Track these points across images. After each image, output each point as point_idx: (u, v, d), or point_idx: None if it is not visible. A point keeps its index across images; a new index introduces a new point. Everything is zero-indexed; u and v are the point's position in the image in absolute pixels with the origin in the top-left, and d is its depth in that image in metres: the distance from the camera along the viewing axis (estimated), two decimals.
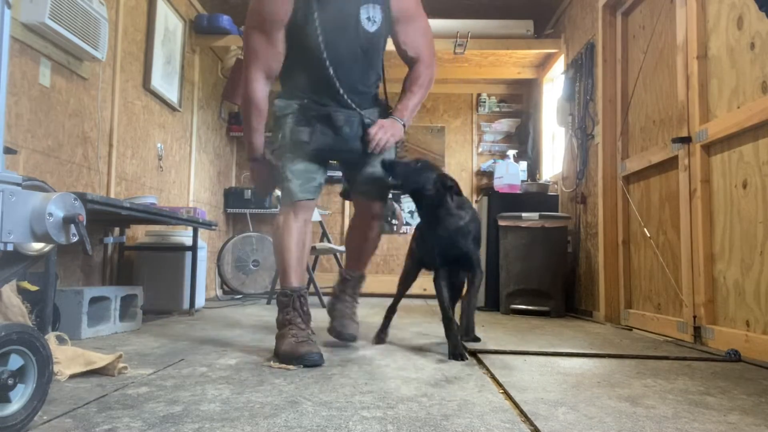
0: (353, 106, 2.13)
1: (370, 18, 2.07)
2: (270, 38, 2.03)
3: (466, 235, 2.12)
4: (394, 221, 5.85)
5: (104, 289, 2.59)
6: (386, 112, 2.27)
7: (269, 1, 2.00)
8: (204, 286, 3.98)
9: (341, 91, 2.09)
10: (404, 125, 2.19)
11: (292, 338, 1.89)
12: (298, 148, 2.10)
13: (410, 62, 2.25)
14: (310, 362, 1.80)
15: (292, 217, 2.08)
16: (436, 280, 2.13)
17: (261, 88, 2.07)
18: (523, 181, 4.61)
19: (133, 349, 2.11)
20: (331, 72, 2.06)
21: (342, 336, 2.25)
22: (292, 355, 1.83)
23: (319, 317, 2.46)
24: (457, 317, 2.17)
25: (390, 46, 2.24)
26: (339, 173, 2.44)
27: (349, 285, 2.40)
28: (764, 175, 2.14)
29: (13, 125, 2.44)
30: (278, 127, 2.17)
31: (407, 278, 2.44)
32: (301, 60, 2.10)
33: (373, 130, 2.10)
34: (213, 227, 3.70)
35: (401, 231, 5.84)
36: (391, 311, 2.46)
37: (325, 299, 4.16)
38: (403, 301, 2.50)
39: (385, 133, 2.11)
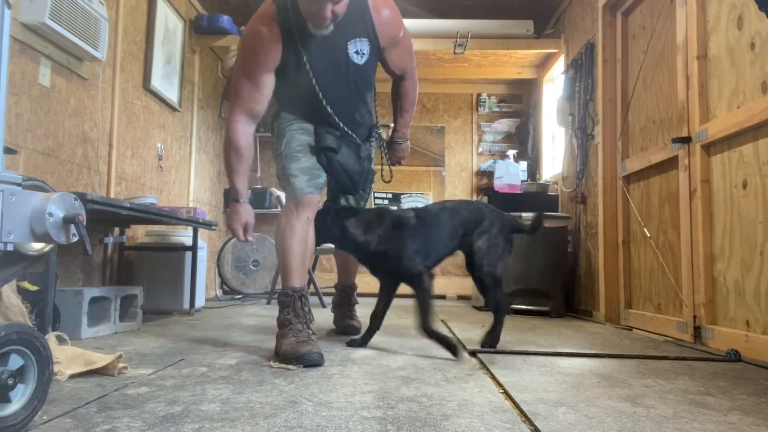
0: (359, 141, 2.30)
1: (359, 51, 2.14)
2: (255, 83, 2.05)
3: (380, 256, 2.12)
4: None
5: (104, 289, 2.59)
6: (378, 141, 2.47)
7: (257, 54, 2.02)
8: (204, 286, 3.98)
9: (343, 126, 2.21)
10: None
11: (292, 338, 1.90)
12: (311, 150, 2.18)
13: (397, 78, 2.43)
14: (311, 362, 1.80)
15: (295, 216, 2.09)
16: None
17: (242, 129, 2.08)
18: (523, 181, 4.61)
19: (133, 349, 2.11)
20: (330, 110, 2.16)
21: (345, 331, 2.58)
22: (292, 354, 1.83)
23: (320, 317, 2.46)
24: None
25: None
26: None
27: (343, 295, 2.73)
28: (764, 175, 2.14)
29: (13, 125, 2.44)
30: (285, 129, 2.21)
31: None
32: (297, 96, 2.18)
33: (392, 159, 2.57)
34: (213, 227, 3.70)
35: None
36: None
37: (326, 299, 4.17)
38: (403, 301, 2.51)
39: (401, 159, 2.61)
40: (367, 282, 3.00)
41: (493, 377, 1.69)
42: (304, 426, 1.15)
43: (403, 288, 2.43)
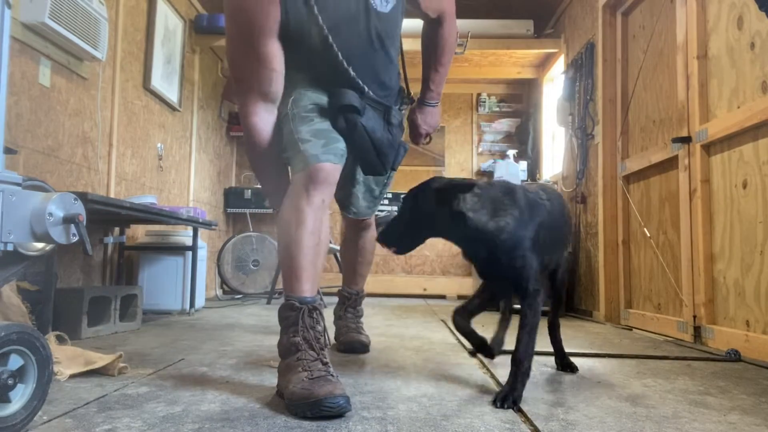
0: (387, 103, 1.81)
1: None
2: (260, 56, 1.53)
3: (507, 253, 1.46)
4: None
5: (104, 289, 2.59)
6: (409, 101, 2.00)
7: (250, 16, 1.51)
8: (204, 286, 3.98)
9: (368, 90, 1.71)
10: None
11: (303, 373, 1.31)
12: (330, 115, 1.64)
13: (432, 23, 1.94)
14: (334, 410, 1.20)
15: (305, 197, 1.50)
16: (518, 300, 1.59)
17: (261, 122, 1.60)
18: (523, 181, 4.61)
19: (133, 349, 2.11)
20: (352, 73, 1.66)
21: (352, 348, 2.07)
22: (305, 399, 1.23)
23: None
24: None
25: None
26: None
27: (349, 303, 2.24)
28: (764, 175, 2.14)
29: (13, 125, 2.44)
30: (290, 87, 1.67)
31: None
32: (308, 59, 1.65)
33: (422, 127, 2.02)
34: (213, 227, 3.70)
35: None
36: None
37: (326, 299, 4.16)
38: (403, 301, 2.51)
39: (431, 128, 2.07)
40: (367, 282, 2.87)
41: (493, 377, 1.69)
42: (304, 426, 1.15)
43: (407, 288, 2.42)
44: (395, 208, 5.76)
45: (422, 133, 2.06)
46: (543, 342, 2.48)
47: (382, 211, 5.96)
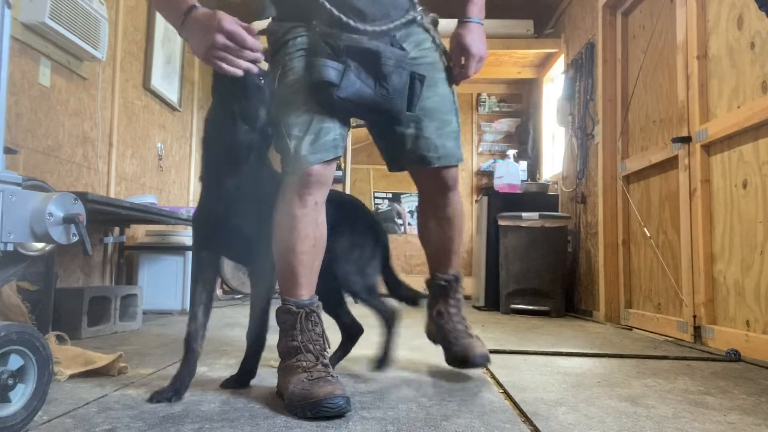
0: (393, 33, 1.50)
1: None
2: None
3: None
4: (399, 220, 5.85)
5: (104, 289, 2.59)
6: (430, 27, 1.64)
7: None
8: None
9: (341, 16, 1.44)
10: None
11: (303, 374, 1.32)
12: (311, 92, 1.43)
13: None
14: (334, 410, 1.21)
15: (297, 202, 1.43)
16: None
17: None
18: (523, 181, 4.61)
19: (133, 349, 2.10)
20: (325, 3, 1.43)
21: (471, 361, 1.60)
22: (305, 399, 1.24)
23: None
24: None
25: None
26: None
27: (449, 293, 1.72)
28: (764, 175, 2.14)
29: (13, 125, 2.44)
30: (279, 60, 1.51)
31: None
32: None
33: (473, 51, 1.59)
34: None
35: (405, 231, 5.84)
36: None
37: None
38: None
39: (484, 54, 1.63)
40: None
41: (493, 377, 1.69)
42: (303, 426, 1.15)
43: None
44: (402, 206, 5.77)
45: (475, 60, 1.63)
46: (543, 342, 2.48)
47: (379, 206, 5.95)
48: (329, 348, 1.48)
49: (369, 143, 2.24)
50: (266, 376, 1.65)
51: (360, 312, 2.03)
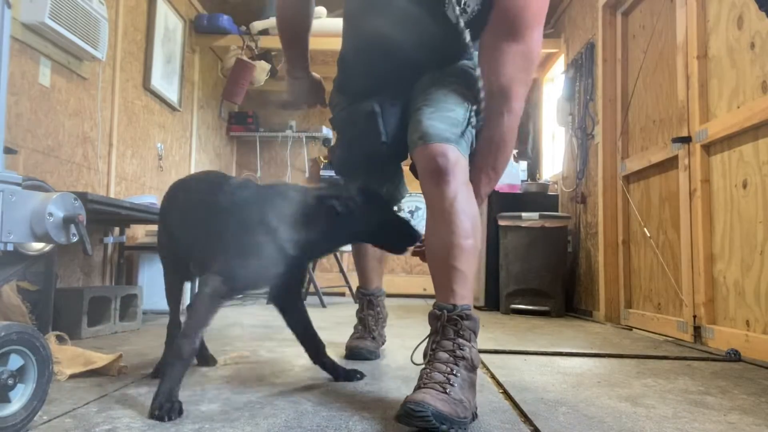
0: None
1: None
2: None
3: None
4: None
5: (104, 289, 2.59)
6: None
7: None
8: None
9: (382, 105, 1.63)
10: None
11: (355, 333, 2.04)
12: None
13: None
14: (357, 356, 1.90)
15: None
16: None
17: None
18: (523, 181, 4.61)
19: (133, 349, 2.10)
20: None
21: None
22: (346, 348, 1.96)
23: (321, 318, 2.45)
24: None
25: None
26: None
27: (443, 330, 1.27)
28: (764, 175, 2.14)
29: (13, 125, 2.44)
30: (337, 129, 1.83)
31: None
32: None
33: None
34: None
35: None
36: None
37: (326, 299, 4.17)
38: (403, 301, 2.51)
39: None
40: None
41: (493, 377, 1.69)
42: (304, 426, 1.15)
43: (407, 288, 2.43)
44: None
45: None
46: (543, 342, 2.48)
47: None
48: (378, 323, 2.03)
49: None
50: (266, 376, 1.65)
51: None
